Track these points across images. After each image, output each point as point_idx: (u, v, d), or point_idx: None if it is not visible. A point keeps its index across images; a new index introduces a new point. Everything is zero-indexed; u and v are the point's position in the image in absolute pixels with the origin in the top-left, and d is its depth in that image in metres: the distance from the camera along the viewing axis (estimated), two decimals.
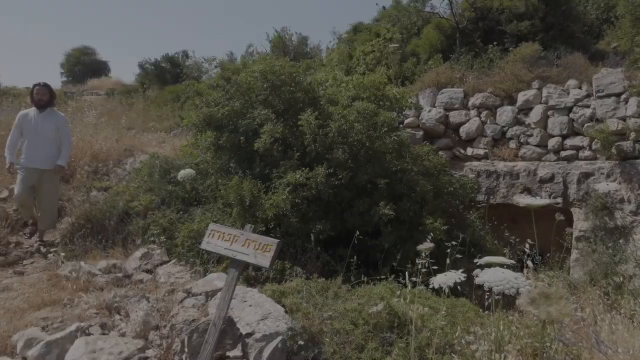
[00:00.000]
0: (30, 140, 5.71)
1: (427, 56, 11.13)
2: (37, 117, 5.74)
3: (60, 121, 5.89)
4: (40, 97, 5.76)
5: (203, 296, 3.77)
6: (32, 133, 5.69)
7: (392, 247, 5.01)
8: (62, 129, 5.84)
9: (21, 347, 3.39)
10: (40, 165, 5.68)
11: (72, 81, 26.33)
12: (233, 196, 4.96)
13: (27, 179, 5.66)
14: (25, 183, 5.66)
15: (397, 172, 5.59)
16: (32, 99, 5.85)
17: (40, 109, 5.76)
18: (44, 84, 5.85)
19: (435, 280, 1.76)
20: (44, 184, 5.75)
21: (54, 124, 5.78)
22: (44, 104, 5.77)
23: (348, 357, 2.54)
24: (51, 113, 5.87)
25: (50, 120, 5.79)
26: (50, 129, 5.74)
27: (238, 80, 5.89)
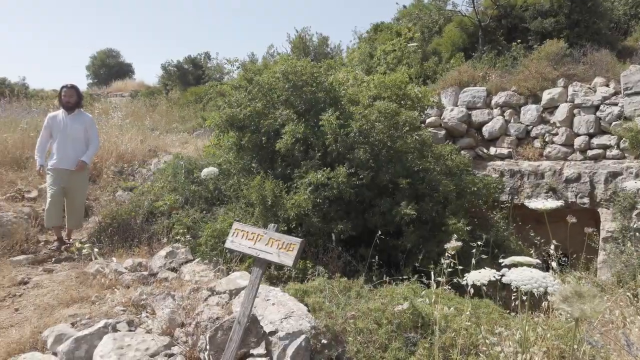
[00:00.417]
0: (60, 142, 5.72)
1: (449, 55, 11.03)
2: (66, 119, 5.75)
3: (88, 122, 5.92)
4: (68, 99, 5.77)
5: (227, 294, 3.81)
6: (61, 135, 5.71)
7: (414, 248, 4.99)
8: (90, 129, 5.88)
9: (51, 343, 3.49)
10: (71, 167, 5.69)
11: (97, 83, 26.93)
12: (255, 196, 5.01)
13: (57, 180, 5.67)
14: (56, 185, 5.66)
15: (419, 172, 5.56)
16: (60, 101, 5.88)
17: (69, 111, 5.77)
18: (71, 85, 5.86)
19: (469, 277, 1.75)
20: (74, 185, 5.76)
21: (83, 125, 5.82)
22: (72, 105, 5.78)
23: (372, 357, 2.54)
24: (79, 114, 5.89)
25: (79, 121, 5.81)
26: (80, 129, 5.77)
27: (260, 81, 5.93)
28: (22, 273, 5.12)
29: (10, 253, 5.56)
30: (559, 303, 1.39)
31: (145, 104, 15.89)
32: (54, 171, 5.68)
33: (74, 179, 5.74)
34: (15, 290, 4.76)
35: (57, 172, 5.67)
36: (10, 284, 4.85)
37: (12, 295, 4.68)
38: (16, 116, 10.28)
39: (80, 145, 5.80)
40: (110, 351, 3.08)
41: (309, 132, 5.37)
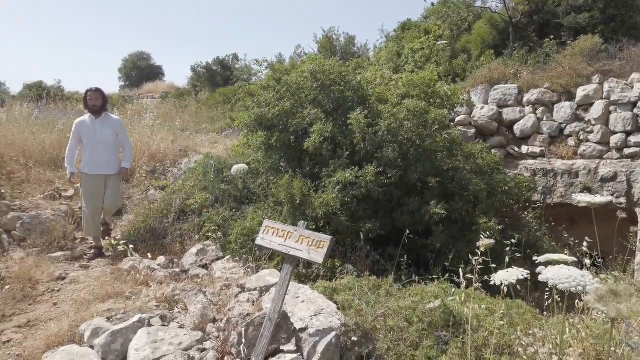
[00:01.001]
0: (91, 147, 5.60)
1: (479, 52, 10.87)
2: (96, 124, 5.63)
3: (118, 125, 5.82)
4: (94, 103, 5.62)
5: (257, 292, 3.86)
6: (92, 140, 5.60)
7: (443, 247, 4.94)
8: (121, 132, 5.81)
9: (88, 337, 3.60)
10: (105, 171, 5.65)
11: (129, 86, 27.64)
12: (283, 195, 5.05)
13: (94, 188, 5.64)
14: (93, 194, 5.64)
15: (449, 171, 5.50)
16: (86, 105, 5.73)
17: (96, 115, 5.64)
18: (96, 88, 5.70)
19: (497, 277, 1.72)
20: (110, 188, 5.72)
21: (112, 128, 5.71)
22: (98, 109, 5.64)
23: (403, 355, 2.53)
24: (107, 118, 5.77)
25: (109, 125, 5.70)
26: (110, 133, 5.67)
27: (288, 81, 5.98)
28: (60, 269, 5.30)
29: (48, 249, 5.76)
30: (594, 302, 1.36)
31: (176, 105, 16.21)
32: (89, 178, 5.62)
33: (109, 183, 5.72)
34: (54, 286, 4.93)
35: (91, 179, 5.62)
36: (49, 279, 5.03)
37: (51, 290, 4.85)
38: (53, 118, 10.64)
39: (112, 149, 5.75)
40: (145, 345, 3.16)
41: (337, 131, 5.38)
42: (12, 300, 4.58)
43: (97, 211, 5.69)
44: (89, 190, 5.63)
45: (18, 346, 3.85)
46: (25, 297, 4.67)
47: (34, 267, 5.17)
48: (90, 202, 5.63)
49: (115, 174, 5.79)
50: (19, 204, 6.62)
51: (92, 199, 5.62)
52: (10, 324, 4.21)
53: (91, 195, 5.63)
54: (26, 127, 9.11)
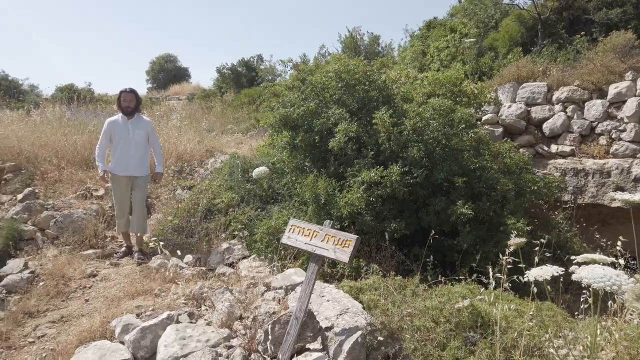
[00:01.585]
0: (123, 148, 5.58)
1: (506, 50, 10.66)
2: (128, 124, 5.60)
3: (149, 126, 5.78)
4: (128, 104, 5.58)
5: (282, 290, 3.89)
6: (124, 140, 5.58)
7: (470, 248, 4.87)
8: (151, 134, 5.77)
9: (119, 332, 3.69)
10: (134, 173, 5.61)
11: (156, 87, 28.15)
12: (308, 194, 5.06)
13: (122, 188, 5.63)
14: (123, 197, 5.64)
15: (476, 170, 5.42)
16: (120, 106, 5.66)
17: (129, 116, 5.61)
18: (130, 89, 5.65)
19: (530, 274, 1.68)
20: (137, 190, 5.68)
21: (144, 130, 5.67)
22: (132, 110, 5.61)
23: (430, 355, 2.51)
24: (139, 119, 5.72)
25: (140, 126, 5.66)
26: (142, 134, 5.64)
27: (313, 81, 5.99)
28: (91, 266, 5.45)
29: (80, 247, 5.93)
30: (631, 301, 1.32)
31: (201, 106, 16.45)
32: (119, 179, 5.60)
33: (137, 185, 5.68)
34: (85, 283, 5.07)
35: (121, 180, 5.60)
36: (80, 276, 5.17)
37: (83, 287, 4.99)
38: (84, 119, 10.93)
39: (143, 150, 5.71)
40: (174, 341, 3.22)
41: (362, 131, 5.36)
42: (46, 297, 4.73)
43: (125, 211, 5.70)
44: (117, 191, 5.65)
45: (52, 341, 3.98)
46: (58, 293, 4.82)
47: (67, 265, 5.33)
48: (118, 202, 5.66)
49: (144, 177, 5.72)
50: (52, 203, 6.83)
51: (121, 198, 5.64)
52: (44, 319, 4.35)
53: (120, 196, 5.64)
54: (58, 128, 9.39)
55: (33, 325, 4.24)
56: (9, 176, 7.87)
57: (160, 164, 5.89)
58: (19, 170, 7.98)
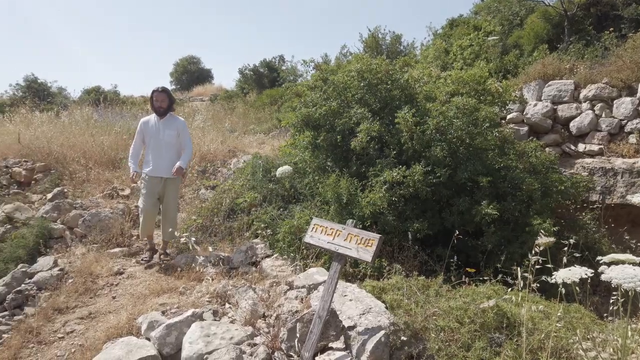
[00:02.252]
0: (153, 148, 5.46)
1: (531, 47, 10.47)
2: (159, 124, 5.47)
3: (180, 126, 5.57)
4: (160, 104, 5.43)
5: (305, 289, 3.90)
6: (155, 141, 5.45)
7: (495, 249, 4.80)
8: (182, 133, 5.57)
9: (145, 329, 3.77)
10: (165, 174, 5.44)
11: (180, 89, 28.56)
12: (330, 194, 5.06)
13: (152, 189, 5.45)
14: (151, 195, 5.46)
15: (500, 170, 5.33)
16: (152, 106, 5.53)
17: (161, 116, 5.47)
18: (162, 89, 5.48)
19: (558, 275, 1.65)
20: (168, 193, 5.50)
21: (175, 130, 5.49)
22: (164, 110, 5.46)
23: (454, 355, 2.48)
24: (171, 119, 5.55)
25: (172, 126, 5.49)
26: (172, 135, 5.47)
27: (335, 81, 5.99)
28: (118, 264, 5.56)
29: (107, 246, 6.06)
30: None
31: (224, 107, 16.63)
32: (149, 180, 5.47)
33: (168, 186, 5.49)
34: (112, 280, 5.18)
35: (151, 181, 5.46)
36: (107, 274, 5.29)
37: (110, 284, 5.10)
38: (110, 120, 11.18)
39: (174, 151, 5.53)
40: (198, 338, 3.26)
41: (384, 130, 5.34)
42: (74, 293, 4.86)
43: (154, 211, 5.55)
44: (148, 191, 5.48)
45: (80, 336, 4.08)
46: (86, 290, 4.94)
47: (94, 262, 5.46)
48: (148, 202, 5.49)
49: (176, 178, 5.54)
50: (80, 203, 7.00)
51: (151, 199, 5.48)
52: (73, 316, 4.47)
53: (150, 196, 5.48)
54: (86, 129, 9.63)
55: (62, 321, 4.36)
56: (38, 176, 8.10)
57: (185, 160, 5.58)
58: (48, 170, 8.21)
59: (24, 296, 4.85)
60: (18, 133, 9.10)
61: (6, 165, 8.28)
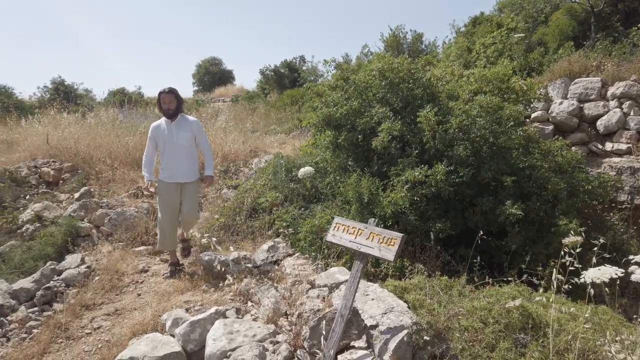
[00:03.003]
0: (168, 153, 5.10)
1: (557, 45, 10.27)
2: (171, 127, 5.10)
3: (195, 127, 5.20)
4: (168, 106, 5.06)
5: (326, 288, 3.91)
6: (169, 146, 5.09)
7: (519, 249, 4.73)
8: (198, 134, 5.21)
9: (169, 326, 3.83)
10: (182, 179, 5.12)
11: (202, 90, 28.92)
12: (351, 193, 5.06)
13: (170, 197, 5.13)
14: (170, 205, 5.14)
15: (525, 169, 5.25)
16: (160, 108, 5.17)
17: (171, 118, 5.10)
18: (169, 90, 5.07)
19: (587, 275, 1.62)
20: (188, 198, 5.16)
21: (190, 132, 5.14)
22: (173, 112, 5.08)
23: (478, 356, 2.46)
24: (183, 120, 5.18)
25: (185, 128, 5.13)
26: (187, 137, 5.11)
27: (356, 80, 5.99)
28: (143, 262, 5.67)
29: (132, 244, 6.18)
30: None
31: (245, 108, 16.78)
32: (166, 186, 5.14)
33: (186, 191, 5.17)
34: (137, 278, 5.28)
35: (168, 188, 5.13)
36: (133, 272, 5.39)
37: (135, 282, 5.20)
38: (135, 121, 11.40)
39: (189, 154, 5.17)
40: (222, 335, 3.30)
41: (406, 130, 5.31)
42: (101, 290, 4.97)
43: (173, 223, 5.22)
44: (165, 200, 5.15)
45: (107, 332, 4.17)
46: (112, 287, 5.05)
47: (120, 260, 5.58)
48: (166, 212, 5.16)
49: (194, 182, 5.21)
50: (106, 202, 7.15)
51: (169, 208, 5.15)
52: (100, 312, 4.57)
53: (168, 205, 5.15)
54: (111, 130, 9.84)
55: (90, 317, 4.46)
56: (66, 176, 8.31)
57: (210, 167, 5.28)
58: (75, 170, 8.41)
59: (53, 293, 4.98)
60: (46, 134, 9.35)
61: (35, 165, 8.52)
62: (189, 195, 5.17)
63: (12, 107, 13.23)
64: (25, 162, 8.66)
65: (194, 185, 5.24)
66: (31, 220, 6.72)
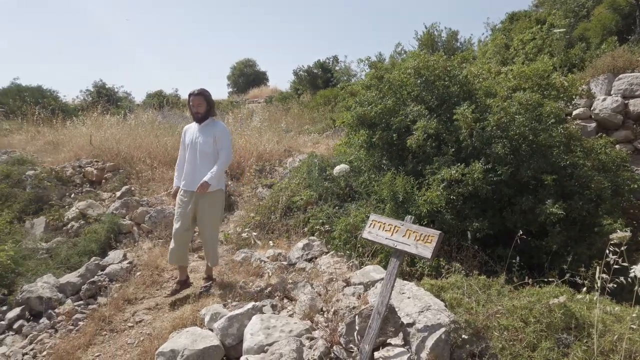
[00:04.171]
0: (189, 158, 4.69)
1: (599, 40, 9.92)
2: (197, 132, 4.71)
3: (219, 131, 4.66)
4: (197, 109, 4.67)
5: (362, 286, 3.92)
6: (191, 150, 4.68)
7: (560, 249, 4.61)
8: (221, 139, 4.63)
9: (208, 320, 3.92)
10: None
11: (236, 92, 29.36)
12: (386, 192, 5.05)
13: (184, 206, 4.64)
14: (183, 214, 4.65)
15: (566, 168, 5.10)
16: (190, 111, 4.80)
17: (199, 122, 4.71)
18: (198, 92, 4.66)
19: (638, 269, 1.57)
20: (202, 210, 4.61)
21: (212, 137, 4.62)
22: (203, 115, 4.68)
23: (519, 355, 2.41)
24: (210, 124, 4.72)
25: (209, 133, 4.64)
26: (209, 142, 4.62)
27: (390, 79, 5.96)
28: None
29: None
30: None
31: (279, 108, 16.94)
32: (184, 194, 4.70)
33: (201, 203, 4.60)
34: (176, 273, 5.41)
35: (183, 195, 4.69)
36: (172, 268, 5.53)
37: (174, 277, 5.33)
38: (173, 122, 11.69)
39: (210, 161, 4.64)
40: (259, 330, 3.36)
41: (442, 128, 5.25)
42: (142, 285, 5.13)
43: (184, 235, 4.70)
44: (178, 208, 4.73)
45: (148, 326, 4.30)
46: (153, 282, 5.20)
47: (160, 257, 5.73)
48: (178, 221, 4.71)
49: (210, 194, 4.60)
50: (146, 200, 7.38)
51: (180, 218, 4.68)
52: (141, 306, 4.72)
53: (179, 214, 4.69)
54: (151, 131, 10.13)
55: (132, 311, 4.61)
56: (108, 175, 8.62)
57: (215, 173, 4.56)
58: (117, 169, 8.71)
59: (97, 287, 5.17)
60: (90, 135, 9.71)
61: (79, 165, 8.87)
62: (203, 210, 4.60)
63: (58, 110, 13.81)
64: (70, 162, 9.03)
65: (211, 199, 4.60)
66: (76, 217, 7.00)
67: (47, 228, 6.87)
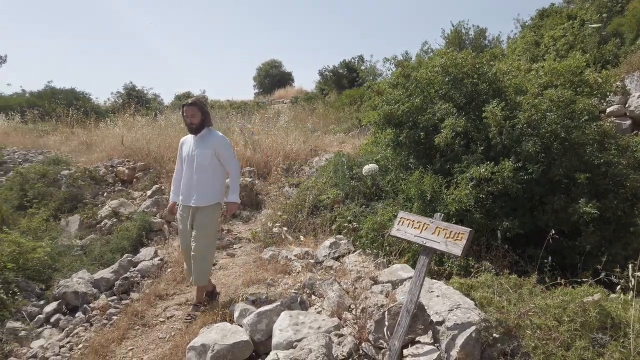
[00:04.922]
0: (186, 171, 4.45)
1: (634, 35, 9.62)
2: (193, 144, 4.45)
3: (217, 143, 4.39)
4: (191, 120, 4.37)
5: (389, 284, 3.92)
6: (187, 163, 4.43)
7: (594, 250, 4.49)
8: (221, 153, 4.38)
9: (237, 316, 3.98)
10: (193, 202, 4.34)
11: (262, 92, 29.63)
12: (414, 191, 5.02)
13: (184, 222, 4.45)
14: (185, 231, 4.46)
15: (600, 166, 4.97)
16: (185, 123, 4.50)
17: (194, 133, 4.44)
18: (192, 102, 4.40)
19: None
20: (197, 225, 4.34)
21: (210, 149, 4.36)
22: (197, 126, 4.39)
23: (552, 354, 2.37)
24: (207, 135, 4.44)
25: (205, 145, 4.38)
26: (206, 155, 4.35)
27: (417, 77, 5.92)
28: None
29: None
30: None
31: (305, 109, 17.02)
32: (182, 210, 4.49)
33: (197, 218, 4.36)
34: None
35: (184, 212, 4.47)
36: None
37: None
38: None
39: (208, 175, 4.38)
40: (288, 326, 3.39)
41: (470, 126, 5.18)
42: (173, 282, 5.25)
43: (187, 252, 4.48)
44: (181, 227, 4.53)
45: (179, 321, 4.40)
46: (183, 279, 5.31)
47: None
48: (180, 239, 4.60)
49: (206, 208, 4.36)
50: None
51: (181, 235, 4.55)
52: (172, 302, 4.82)
53: (180, 231, 4.56)
54: (180, 131, 10.32)
55: (163, 306, 4.72)
56: (139, 174, 8.84)
57: (234, 190, 4.43)
58: (147, 169, 8.92)
59: (130, 282, 5.31)
60: (121, 136, 9.98)
61: (112, 165, 9.13)
62: (197, 224, 4.34)
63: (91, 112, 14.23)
64: (103, 162, 9.30)
65: (205, 214, 4.36)
66: (109, 215, 7.21)
67: (81, 226, 7.09)
